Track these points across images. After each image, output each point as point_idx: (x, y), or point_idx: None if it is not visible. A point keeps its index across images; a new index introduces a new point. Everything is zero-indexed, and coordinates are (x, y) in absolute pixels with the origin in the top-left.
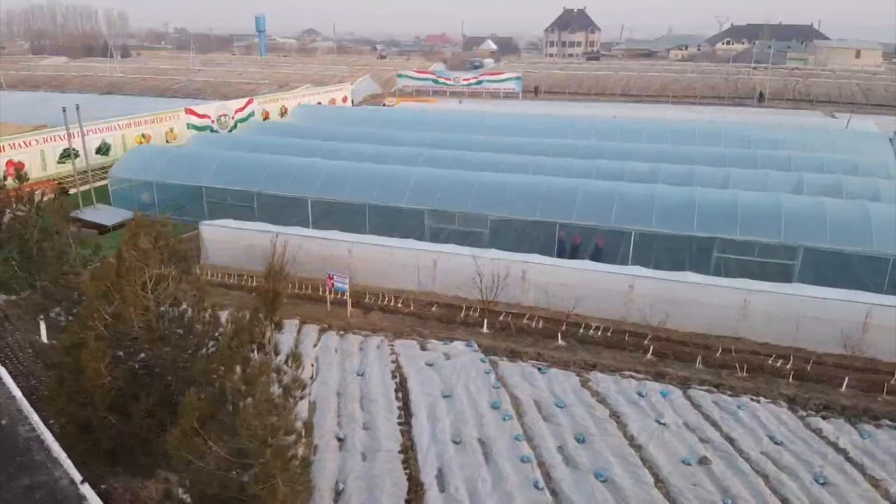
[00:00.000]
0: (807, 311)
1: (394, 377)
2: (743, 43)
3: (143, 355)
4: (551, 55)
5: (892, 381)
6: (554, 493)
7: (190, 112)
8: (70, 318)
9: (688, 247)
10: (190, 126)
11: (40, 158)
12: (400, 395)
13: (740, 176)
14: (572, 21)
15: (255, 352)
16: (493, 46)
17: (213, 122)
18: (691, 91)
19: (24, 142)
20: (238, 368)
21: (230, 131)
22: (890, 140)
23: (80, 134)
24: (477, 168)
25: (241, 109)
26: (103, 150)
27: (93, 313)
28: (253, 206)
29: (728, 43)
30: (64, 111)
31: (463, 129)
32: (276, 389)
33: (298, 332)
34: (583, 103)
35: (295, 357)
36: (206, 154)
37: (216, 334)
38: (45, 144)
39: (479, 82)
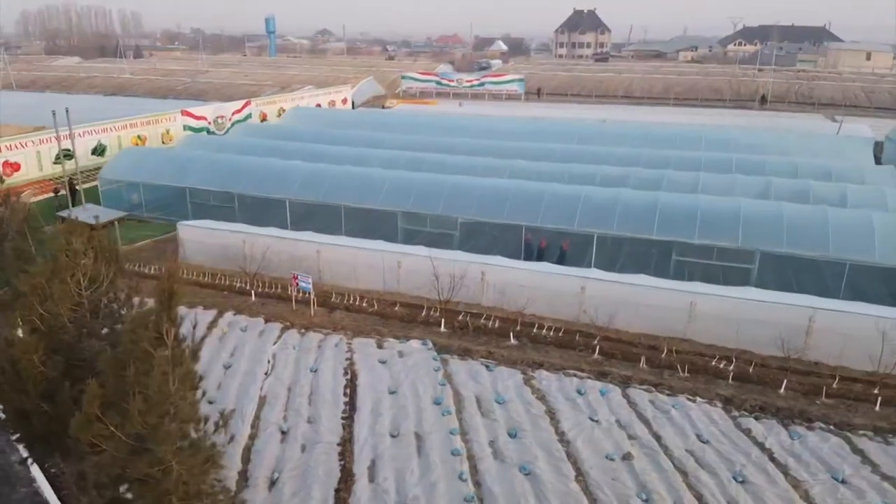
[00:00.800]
0: (751, 315)
1: (346, 374)
2: (755, 44)
3: (75, 348)
4: (561, 56)
5: (834, 385)
6: (477, 484)
7: (186, 114)
8: None
9: (648, 250)
10: (186, 128)
11: (36, 159)
12: (348, 390)
13: (709, 180)
14: (582, 22)
15: (157, 346)
16: (504, 47)
17: (209, 123)
18: (694, 93)
19: (21, 143)
20: (137, 360)
21: (226, 133)
22: (877, 143)
23: (70, 136)
24: (455, 171)
25: (239, 111)
26: (99, 150)
27: (28, 308)
28: (234, 207)
29: (740, 44)
30: (54, 114)
31: (449, 132)
32: (174, 380)
33: (261, 330)
34: (583, 105)
35: (193, 351)
36: (192, 156)
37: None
38: (42, 146)
39: (482, 84)
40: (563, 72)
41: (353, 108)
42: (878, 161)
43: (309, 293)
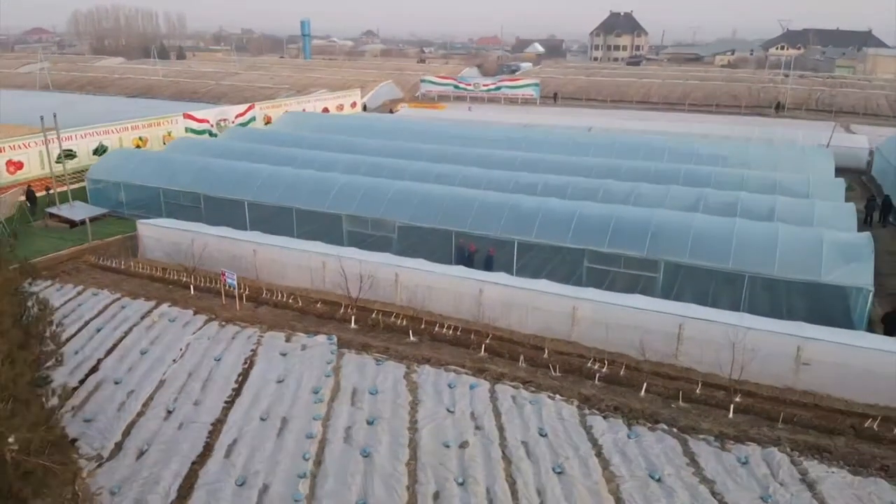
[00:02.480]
0: (627, 321)
1: (245, 363)
2: (798, 48)
3: None
4: (596, 59)
5: (697, 391)
6: (317, 463)
7: (188, 117)
8: None
9: (563, 257)
10: (188, 130)
11: (38, 159)
12: (241, 378)
13: (645, 191)
14: (618, 24)
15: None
16: (540, 49)
17: (212, 126)
18: (712, 99)
19: (25, 143)
20: None
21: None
22: (871, 152)
23: (58, 139)
24: (410, 177)
25: (242, 114)
26: (100, 151)
27: None
28: (200, 208)
29: (782, 48)
30: (42, 118)
31: (424, 139)
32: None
33: (187, 322)
34: (594, 110)
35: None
36: (171, 158)
37: None
38: (44, 146)
39: (498, 88)
40: (585, 76)
41: (364, 111)
42: (868, 170)
43: (234, 288)
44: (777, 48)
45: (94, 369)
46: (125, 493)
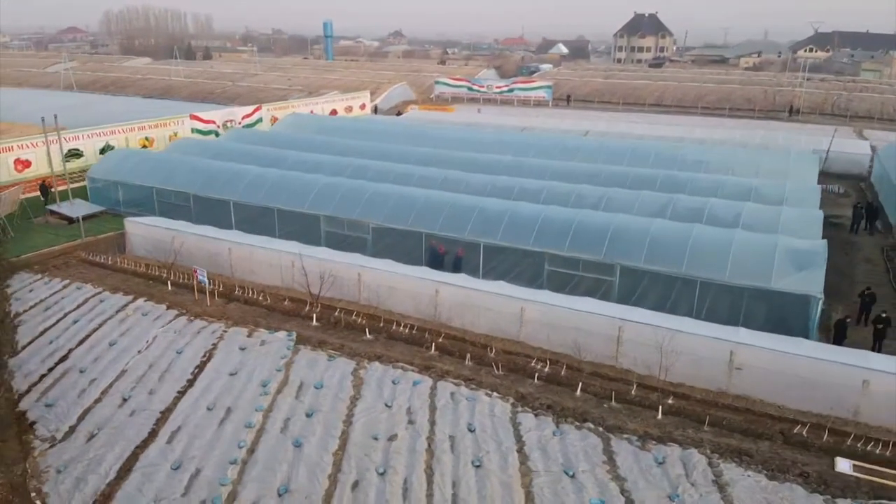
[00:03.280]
0: (570, 322)
1: (204, 356)
2: (827, 50)
3: None
4: (619, 60)
5: (633, 392)
6: (251, 451)
7: (194, 118)
8: None
9: (526, 260)
10: (194, 131)
11: (46, 157)
12: (197, 370)
13: (616, 195)
14: (643, 25)
15: None
16: (564, 50)
17: (218, 127)
18: (726, 103)
19: (33, 143)
20: None
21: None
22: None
23: (59, 140)
24: (393, 180)
25: (249, 116)
26: (106, 151)
27: None
28: (190, 207)
29: (811, 50)
30: (42, 119)
31: (415, 142)
32: None
33: (158, 316)
34: (605, 113)
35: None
36: (166, 158)
37: None
38: (53, 145)
39: (511, 90)
40: (602, 78)
41: (375, 112)
42: (869, 176)
43: (206, 285)
44: (805, 50)
45: (63, 358)
46: (70, 472)
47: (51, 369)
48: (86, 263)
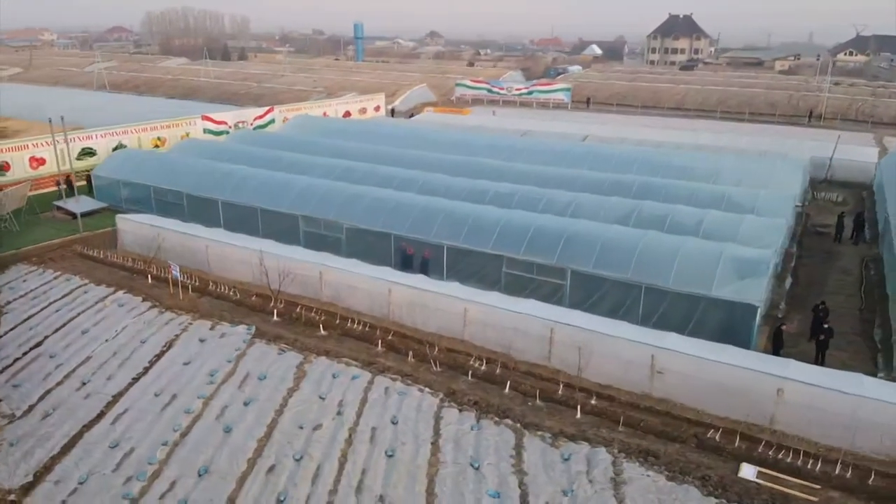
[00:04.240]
0: (508, 323)
1: (164, 346)
2: (867, 54)
3: None
4: (652, 62)
5: (559, 392)
6: (184, 434)
7: (206, 118)
8: None
9: (485, 262)
10: (206, 131)
11: (60, 156)
12: (155, 359)
13: (585, 201)
14: (677, 27)
15: None
16: (598, 52)
17: (230, 128)
18: (748, 107)
19: (46, 142)
20: None
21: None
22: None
23: (65, 139)
24: (378, 182)
25: (261, 117)
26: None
27: None
28: (183, 205)
29: (850, 53)
30: (50, 121)
31: (411, 144)
32: None
33: (133, 307)
34: (621, 116)
35: None
36: (166, 158)
37: None
38: (65, 144)
39: (531, 92)
40: (626, 81)
41: (392, 115)
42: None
43: (179, 280)
44: (845, 54)
45: (38, 344)
46: (21, 446)
47: (25, 353)
48: (80, 257)
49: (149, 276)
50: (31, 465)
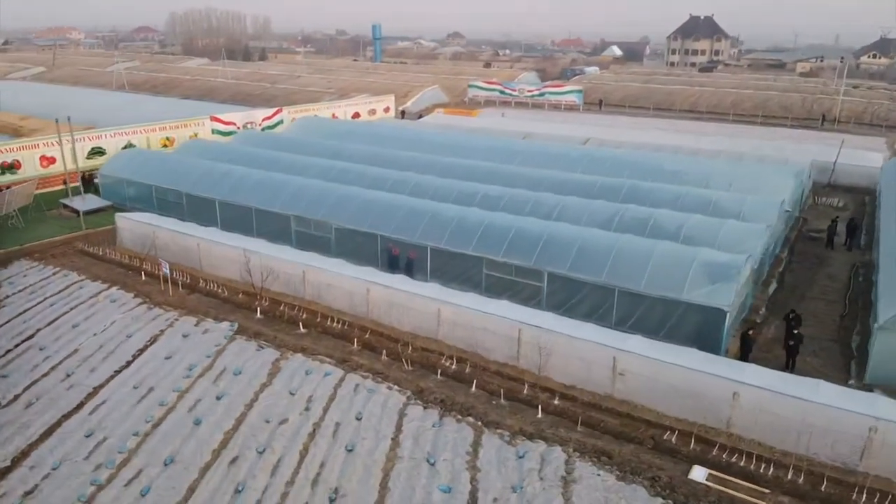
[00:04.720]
0: (478, 323)
1: (148, 341)
2: (891, 57)
3: None
4: (672, 64)
5: (525, 391)
6: (156, 425)
7: (215, 119)
8: None
9: (467, 263)
10: (215, 132)
11: (70, 155)
12: (138, 353)
13: (570, 204)
14: (697, 28)
15: None
16: (618, 53)
17: (239, 128)
18: (761, 110)
19: (56, 141)
20: None
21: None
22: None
23: (71, 139)
24: (371, 184)
25: (269, 118)
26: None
27: None
28: (183, 205)
29: (874, 56)
30: (56, 120)
31: (408, 146)
32: None
33: (124, 303)
34: (632, 118)
35: None
36: (169, 158)
37: None
38: (77, 143)
39: (542, 94)
40: (640, 83)
41: (402, 116)
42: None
43: (168, 277)
44: (869, 56)
45: (30, 337)
46: (2, 432)
47: (17, 345)
48: (80, 254)
49: (142, 272)
50: (9, 451)
